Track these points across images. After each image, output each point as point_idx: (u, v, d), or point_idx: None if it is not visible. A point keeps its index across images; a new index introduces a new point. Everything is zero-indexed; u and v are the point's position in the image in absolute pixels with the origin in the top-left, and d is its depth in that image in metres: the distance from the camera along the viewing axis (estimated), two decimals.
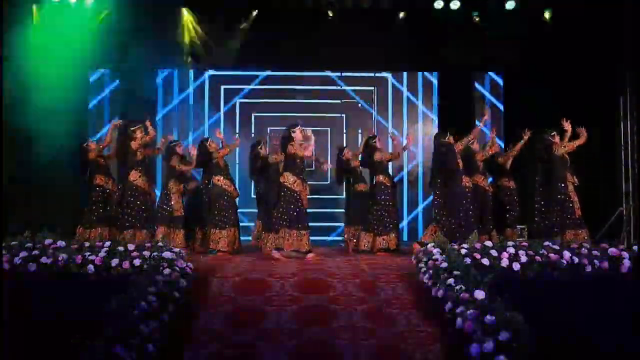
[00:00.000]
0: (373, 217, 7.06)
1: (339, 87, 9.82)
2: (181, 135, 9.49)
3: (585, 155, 6.97)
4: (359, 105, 9.81)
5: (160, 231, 6.95)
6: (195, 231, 7.40)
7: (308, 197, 6.61)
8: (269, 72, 9.67)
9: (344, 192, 7.97)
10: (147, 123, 6.98)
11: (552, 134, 6.68)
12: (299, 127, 6.54)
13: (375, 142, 7.30)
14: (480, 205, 6.97)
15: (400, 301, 4.69)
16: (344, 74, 9.80)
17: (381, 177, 7.17)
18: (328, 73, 9.76)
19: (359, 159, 7.46)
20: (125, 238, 6.40)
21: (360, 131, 9.73)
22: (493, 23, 8.75)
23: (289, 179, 6.44)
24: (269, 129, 9.63)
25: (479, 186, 7.05)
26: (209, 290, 4.85)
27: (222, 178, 7.11)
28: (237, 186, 7.37)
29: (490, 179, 7.49)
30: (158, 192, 7.73)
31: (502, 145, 8.68)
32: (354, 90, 9.86)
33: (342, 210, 8.26)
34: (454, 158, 6.46)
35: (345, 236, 7.69)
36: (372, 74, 9.87)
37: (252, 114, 9.78)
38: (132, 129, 6.89)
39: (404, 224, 9.64)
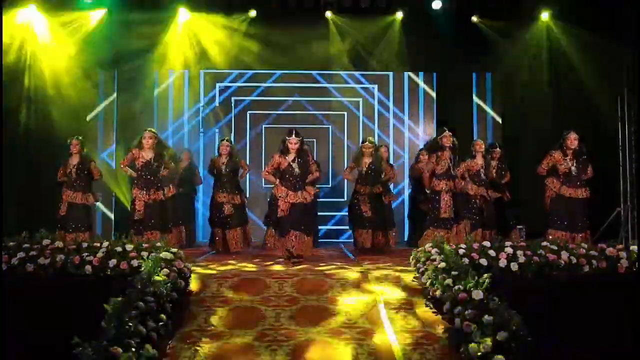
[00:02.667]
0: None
1: (339, 85, 9.81)
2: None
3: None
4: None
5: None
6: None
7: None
8: (266, 71, 9.66)
9: None
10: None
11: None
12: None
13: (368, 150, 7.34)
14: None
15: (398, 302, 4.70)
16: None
17: (358, 185, 7.33)
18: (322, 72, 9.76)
19: None
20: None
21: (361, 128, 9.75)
22: (492, 23, 8.78)
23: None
24: (263, 126, 9.66)
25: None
26: (207, 291, 4.85)
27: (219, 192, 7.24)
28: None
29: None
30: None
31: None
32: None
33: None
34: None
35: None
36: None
37: (247, 112, 9.78)
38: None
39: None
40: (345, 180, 8.96)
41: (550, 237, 6.19)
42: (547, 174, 6.64)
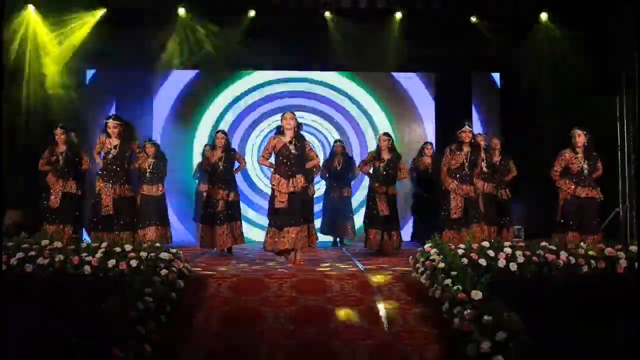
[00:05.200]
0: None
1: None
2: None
3: None
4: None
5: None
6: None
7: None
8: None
9: None
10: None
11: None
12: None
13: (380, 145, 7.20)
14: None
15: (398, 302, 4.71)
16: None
17: (375, 182, 7.15)
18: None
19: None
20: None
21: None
22: (491, 23, 8.80)
23: None
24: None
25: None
26: (206, 291, 4.85)
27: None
28: None
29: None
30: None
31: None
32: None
33: None
34: None
35: None
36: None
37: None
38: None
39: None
40: None
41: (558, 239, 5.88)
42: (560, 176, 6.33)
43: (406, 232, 8.52)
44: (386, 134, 7.33)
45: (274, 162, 6.04)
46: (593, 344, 4.19)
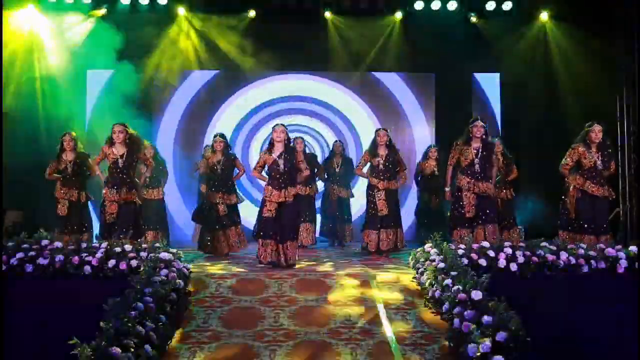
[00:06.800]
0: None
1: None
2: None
3: None
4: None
5: None
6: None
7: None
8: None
9: None
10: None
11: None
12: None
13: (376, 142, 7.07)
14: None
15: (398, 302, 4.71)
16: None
17: (373, 179, 6.96)
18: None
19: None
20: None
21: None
22: (491, 23, 8.81)
23: None
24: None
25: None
26: (206, 291, 4.85)
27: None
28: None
29: None
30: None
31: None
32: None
33: None
34: None
35: None
36: None
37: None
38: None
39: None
40: None
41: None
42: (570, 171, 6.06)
43: (408, 233, 8.38)
44: (384, 129, 7.16)
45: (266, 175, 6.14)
46: (593, 344, 4.19)
